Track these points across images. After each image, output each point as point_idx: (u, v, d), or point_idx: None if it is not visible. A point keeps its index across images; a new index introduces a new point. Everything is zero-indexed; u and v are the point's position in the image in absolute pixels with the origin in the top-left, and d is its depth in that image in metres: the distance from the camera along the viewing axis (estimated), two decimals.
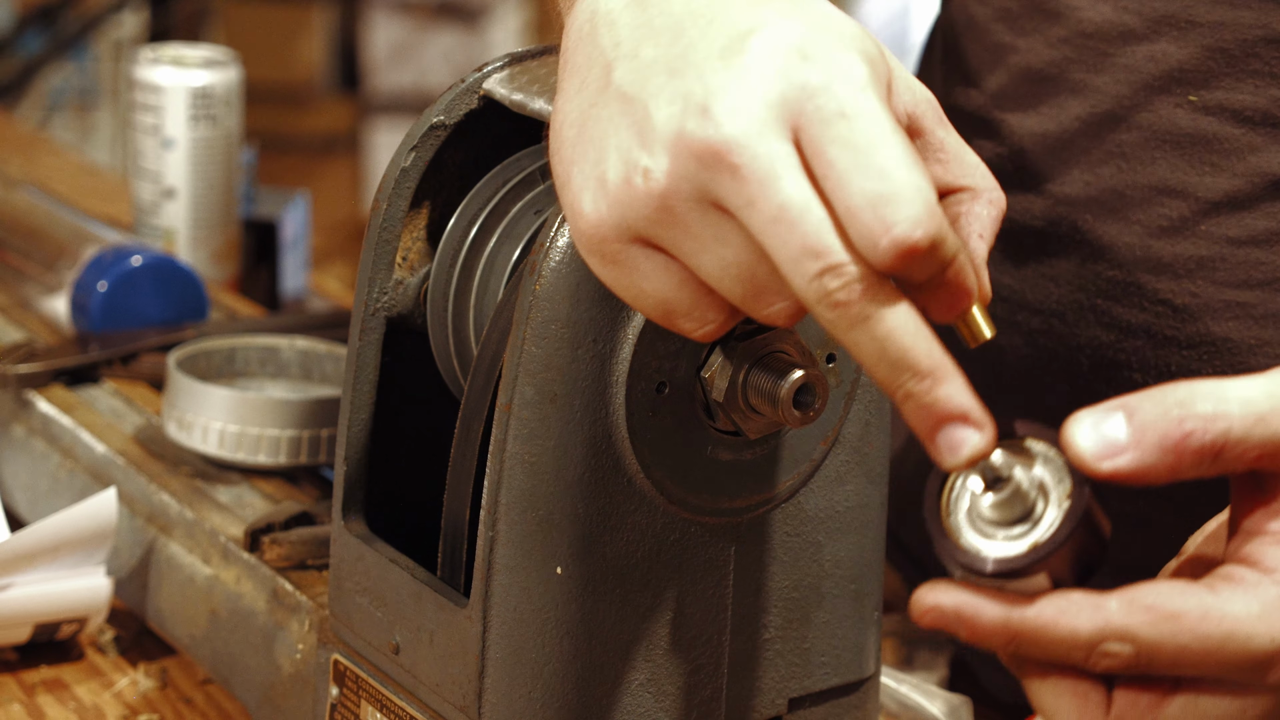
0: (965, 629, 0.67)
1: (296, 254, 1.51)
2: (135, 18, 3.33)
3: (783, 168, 0.64)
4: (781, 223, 0.64)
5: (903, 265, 0.63)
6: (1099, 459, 0.65)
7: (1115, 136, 0.96)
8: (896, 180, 0.63)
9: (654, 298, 0.68)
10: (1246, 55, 0.91)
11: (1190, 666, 0.66)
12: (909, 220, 0.63)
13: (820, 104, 0.65)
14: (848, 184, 0.64)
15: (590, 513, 0.78)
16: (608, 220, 0.67)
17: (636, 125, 0.67)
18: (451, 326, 0.84)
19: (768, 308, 0.67)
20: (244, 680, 0.95)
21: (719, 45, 0.67)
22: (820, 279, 0.64)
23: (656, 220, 0.66)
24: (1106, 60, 0.95)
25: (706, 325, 0.68)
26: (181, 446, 1.06)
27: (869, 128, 0.64)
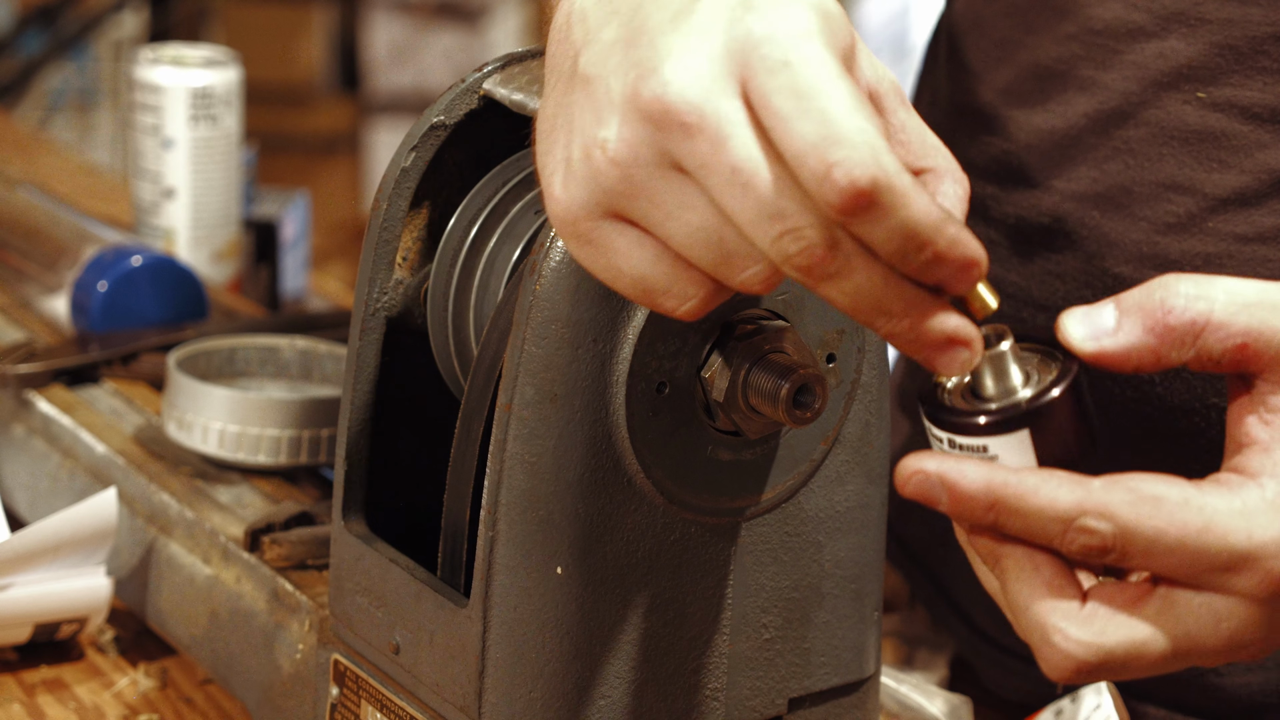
0: (947, 493, 0.67)
1: (296, 254, 1.51)
2: (135, 18, 3.33)
3: (732, 126, 0.64)
4: (736, 184, 0.64)
5: (854, 210, 0.63)
6: (1087, 340, 0.67)
7: (1123, 133, 0.96)
8: (838, 123, 0.63)
9: (630, 275, 0.68)
10: (1255, 52, 0.91)
11: (1164, 554, 0.66)
12: (850, 162, 0.62)
13: (764, 53, 0.64)
14: (791, 131, 0.63)
15: (590, 513, 0.78)
16: (576, 199, 0.67)
17: (596, 104, 0.67)
18: (451, 326, 0.84)
19: (741, 273, 0.66)
20: (244, 680, 0.95)
21: (671, 11, 0.67)
22: (780, 241, 0.64)
23: (621, 191, 0.66)
24: (1115, 57, 0.95)
25: (687, 302, 0.68)
26: (181, 446, 1.06)
27: (812, 73, 0.64)
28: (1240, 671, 0.98)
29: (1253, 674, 0.98)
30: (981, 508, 0.67)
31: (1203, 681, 0.98)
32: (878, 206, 0.63)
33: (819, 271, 0.64)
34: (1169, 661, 0.67)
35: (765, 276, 0.66)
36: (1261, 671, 0.97)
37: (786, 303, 0.78)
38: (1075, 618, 0.67)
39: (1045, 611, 0.67)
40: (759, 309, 0.78)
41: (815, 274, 0.64)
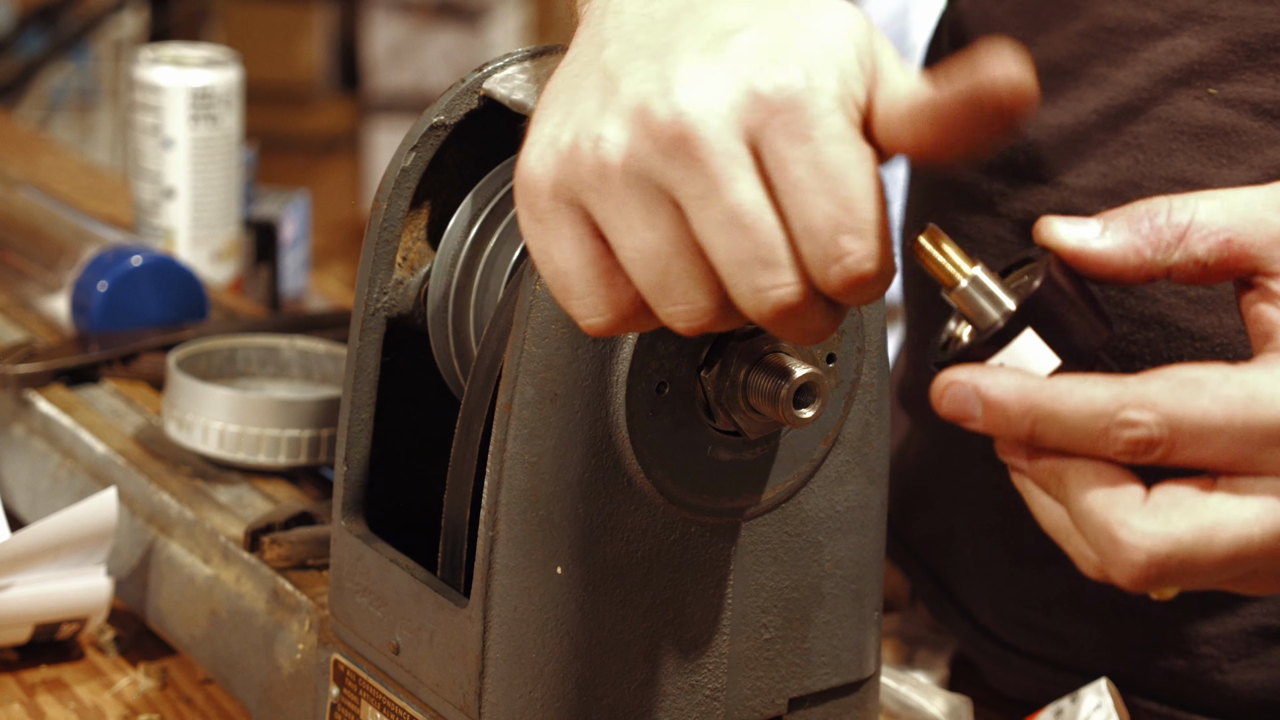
0: (982, 404, 0.67)
1: (296, 254, 1.51)
2: (135, 18, 3.33)
3: (739, 169, 0.65)
4: (734, 226, 0.65)
5: (845, 291, 0.65)
6: (1070, 236, 0.68)
7: (1132, 128, 0.96)
8: (860, 213, 0.65)
9: (558, 266, 0.68)
10: (1268, 49, 0.91)
11: (1214, 435, 0.65)
12: (865, 252, 0.65)
13: (786, 120, 0.65)
14: (810, 205, 0.65)
15: (590, 513, 0.78)
16: (547, 175, 0.68)
17: (603, 97, 0.68)
18: (451, 326, 0.84)
19: (670, 306, 0.67)
20: (244, 680, 0.95)
21: (703, 40, 0.67)
22: (765, 290, 0.65)
23: (594, 188, 0.67)
24: (1127, 55, 0.95)
25: (594, 317, 0.68)
26: (181, 446, 1.06)
27: (834, 152, 0.65)
28: (1243, 669, 0.98)
29: (1256, 672, 0.98)
30: (1017, 415, 0.66)
31: (1205, 679, 0.98)
32: (870, 290, 0.66)
33: (789, 317, 0.66)
34: (1235, 556, 0.66)
35: (691, 318, 0.67)
36: (1265, 669, 0.97)
37: None
38: (1140, 510, 0.66)
39: (1109, 508, 0.66)
40: None
41: (784, 319, 0.66)
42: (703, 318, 0.67)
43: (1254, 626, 0.97)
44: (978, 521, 1.05)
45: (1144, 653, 0.99)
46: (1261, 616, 0.97)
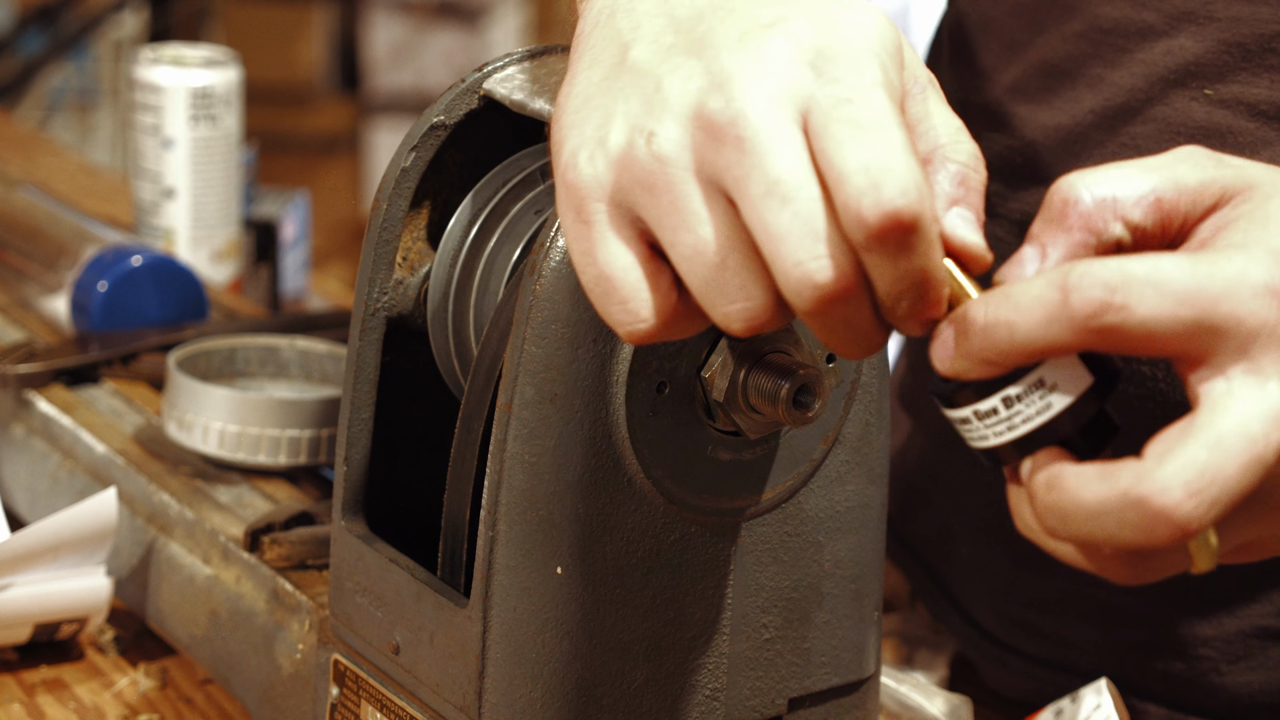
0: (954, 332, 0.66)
1: (296, 254, 1.51)
2: (135, 18, 3.33)
3: (783, 143, 0.64)
4: (773, 197, 0.64)
5: (883, 237, 0.63)
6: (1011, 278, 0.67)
7: (1129, 129, 0.96)
8: (893, 155, 0.63)
9: (602, 268, 0.67)
10: (1264, 50, 0.91)
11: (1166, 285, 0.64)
12: (899, 189, 0.63)
13: (830, 92, 0.65)
14: (843, 151, 0.63)
15: (590, 513, 0.78)
16: (600, 176, 0.67)
17: (647, 97, 0.67)
18: (451, 326, 0.84)
19: (727, 305, 0.66)
20: (244, 680, 0.95)
21: (738, 31, 0.67)
22: (808, 262, 0.64)
23: (648, 187, 0.66)
24: (1124, 56, 0.95)
25: (638, 323, 0.67)
26: (181, 446, 1.06)
27: (875, 112, 0.64)
28: (1241, 671, 0.98)
29: (1254, 673, 0.98)
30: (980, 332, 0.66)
31: (1203, 681, 0.98)
32: (906, 242, 0.63)
33: (831, 298, 0.64)
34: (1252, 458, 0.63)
35: (749, 315, 0.66)
36: (1263, 671, 0.97)
37: None
38: (1144, 467, 0.63)
39: (1112, 485, 0.64)
40: None
41: (826, 301, 0.64)
42: (761, 315, 0.66)
43: (1252, 628, 0.97)
44: (977, 522, 1.05)
45: (1142, 654, 0.99)
46: (1259, 618, 0.97)
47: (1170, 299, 0.63)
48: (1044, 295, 0.64)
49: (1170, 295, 0.63)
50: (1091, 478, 0.64)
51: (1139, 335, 0.63)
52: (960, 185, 0.68)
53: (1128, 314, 0.63)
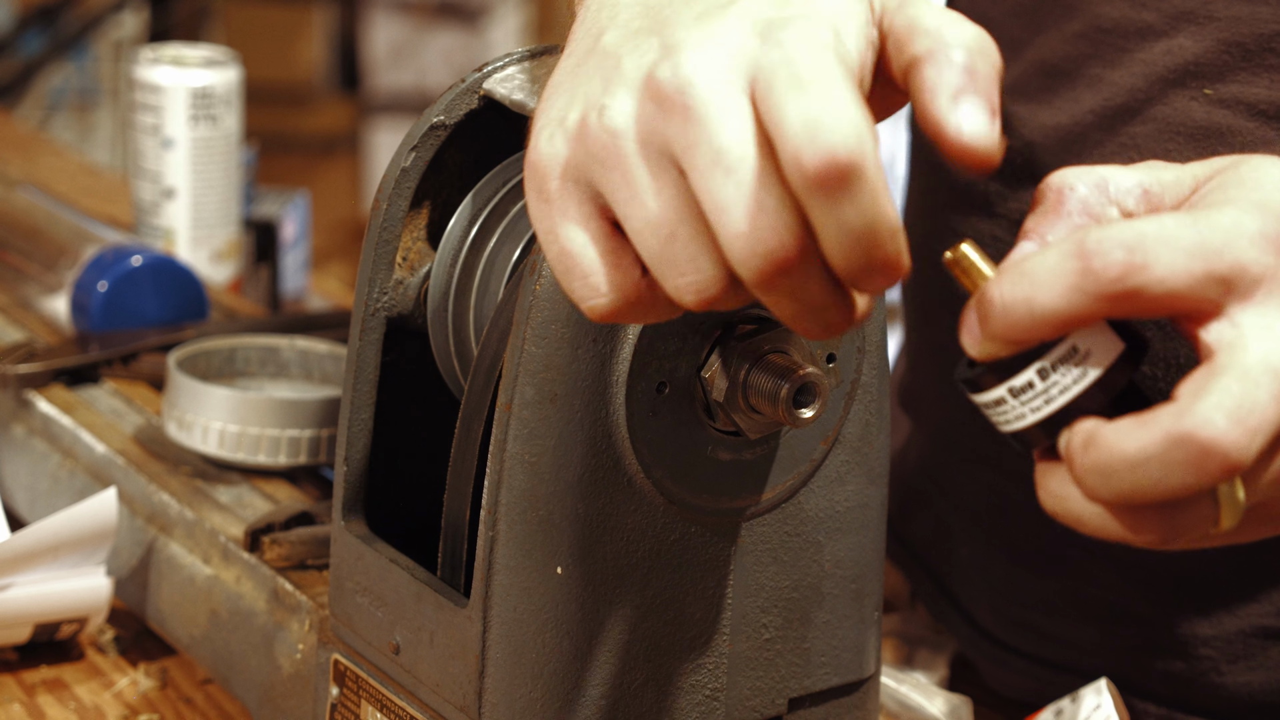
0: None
1: (296, 254, 1.51)
2: (135, 18, 3.33)
3: (728, 112, 0.64)
4: (719, 167, 0.64)
5: (826, 183, 0.62)
6: None
7: (1128, 129, 0.96)
8: (833, 105, 0.63)
9: (563, 245, 0.68)
10: (1263, 50, 0.91)
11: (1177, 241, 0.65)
12: (838, 136, 0.62)
13: (775, 56, 0.65)
14: (785, 107, 0.63)
15: (590, 513, 0.78)
16: (558, 154, 0.68)
17: (607, 75, 0.68)
18: (451, 326, 0.84)
19: (678, 277, 0.66)
20: (244, 680, 0.95)
21: (696, 11, 0.68)
22: (755, 232, 0.64)
23: (601, 159, 0.66)
24: (1123, 55, 0.95)
25: (597, 298, 0.67)
26: (181, 446, 1.06)
27: (816, 69, 0.64)
28: (1241, 671, 0.98)
29: (1254, 673, 0.98)
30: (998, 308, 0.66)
31: (1204, 681, 0.98)
32: (849, 187, 0.63)
33: (777, 267, 0.64)
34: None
35: (700, 289, 0.66)
36: (1263, 670, 0.97)
37: None
38: (1180, 408, 0.64)
39: (1157, 429, 0.64)
40: (759, 309, 0.78)
41: (772, 271, 0.64)
42: (711, 288, 0.66)
43: (1252, 628, 0.97)
44: (976, 523, 1.05)
45: (1142, 654, 0.99)
46: (1260, 618, 0.97)
47: (1183, 254, 0.64)
48: (1061, 265, 0.64)
49: (1182, 250, 0.64)
50: (1130, 427, 0.64)
51: (1160, 294, 0.64)
52: (966, 74, 0.67)
53: (1149, 273, 0.64)
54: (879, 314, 0.81)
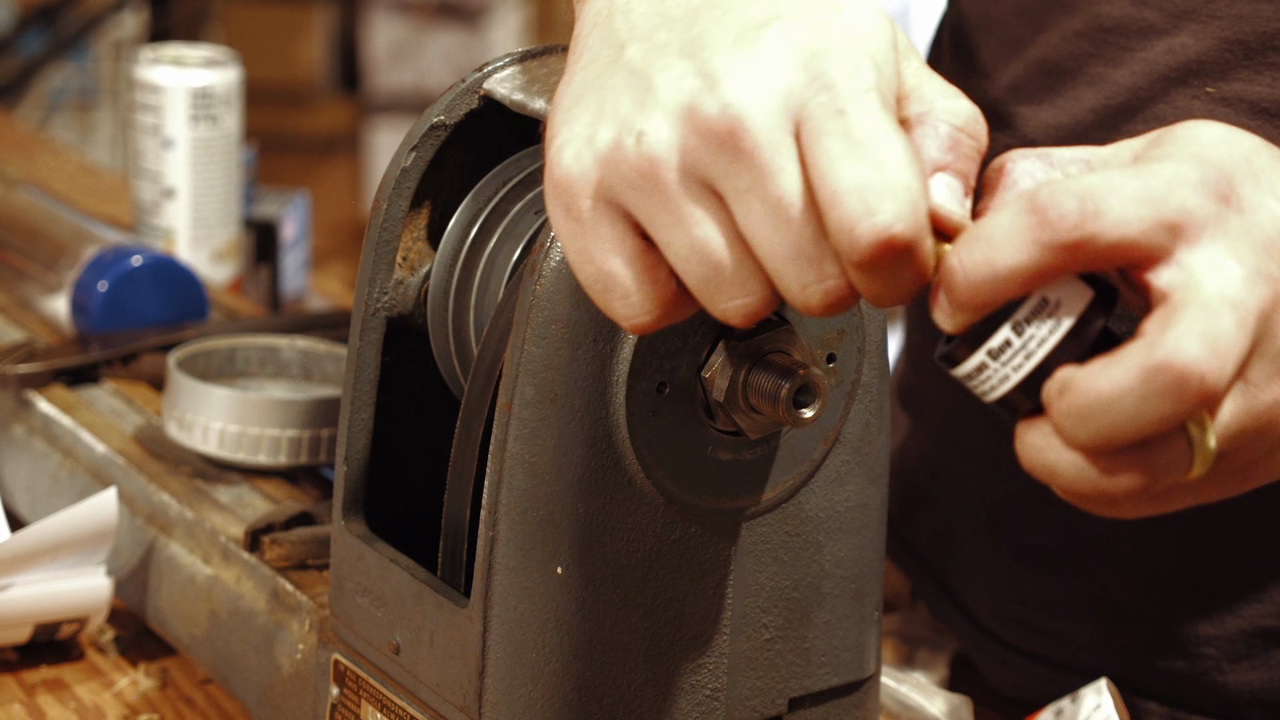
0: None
1: (296, 254, 1.51)
2: (135, 18, 3.33)
3: (785, 160, 0.64)
4: (777, 218, 0.64)
5: (876, 259, 0.63)
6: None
7: (1130, 128, 0.96)
8: (888, 173, 0.63)
9: (599, 266, 0.67)
10: (1265, 48, 0.91)
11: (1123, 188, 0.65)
12: (893, 213, 0.63)
13: (824, 101, 0.65)
14: (836, 169, 0.63)
15: (590, 513, 0.78)
16: (587, 173, 0.67)
17: (639, 95, 0.67)
18: (451, 326, 0.84)
19: (726, 301, 0.66)
20: (244, 680, 0.95)
21: (733, 33, 0.67)
22: (809, 287, 0.65)
23: (639, 187, 0.66)
24: (1125, 54, 0.95)
25: (641, 315, 0.68)
26: (181, 446, 1.06)
27: (868, 124, 0.64)
28: (1242, 670, 0.98)
29: (1255, 673, 0.98)
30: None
31: (1205, 680, 0.98)
32: (900, 264, 0.63)
33: (833, 309, 0.65)
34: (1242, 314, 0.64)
35: (749, 311, 0.66)
36: (1264, 670, 0.97)
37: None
38: (1145, 341, 0.64)
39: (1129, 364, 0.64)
40: None
41: (828, 310, 0.65)
42: (760, 308, 0.66)
43: (1253, 628, 0.97)
44: (977, 522, 1.05)
45: (1143, 653, 0.99)
46: (1261, 618, 0.97)
47: (1130, 201, 0.64)
48: (1015, 222, 0.64)
49: (1130, 198, 0.64)
50: (1104, 365, 0.64)
51: (1113, 240, 0.64)
52: (949, 150, 0.67)
53: (1102, 221, 0.64)
54: (879, 314, 0.81)
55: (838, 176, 0.63)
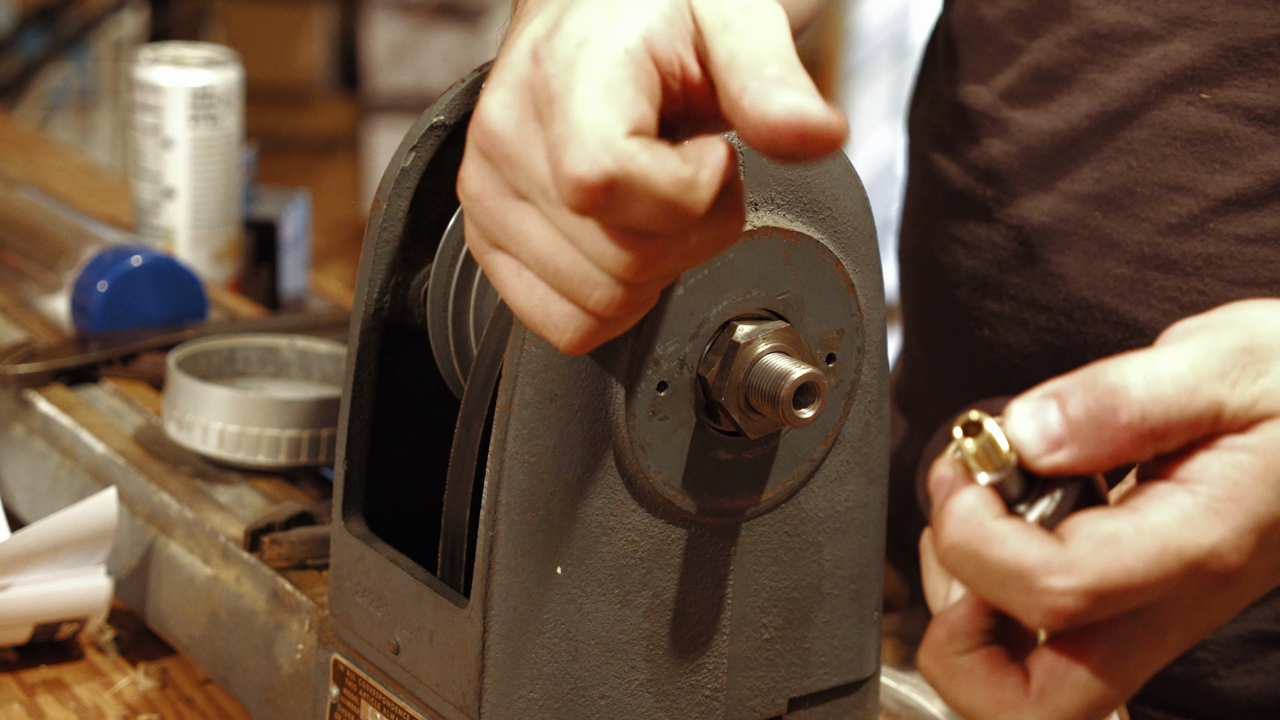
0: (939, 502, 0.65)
1: (296, 254, 1.51)
2: (135, 18, 3.33)
3: (534, 147, 0.66)
4: (547, 202, 0.66)
5: (594, 206, 0.64)
6: (1039, 456, 0.64)
7: (1126, 134, 0.96)
8: (574, 121, 0.64)
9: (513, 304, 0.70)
10: (1260, 54, 0.91)
11: (1141, 587, 0.64)
12: (576, 157, 0.63)
13: (542, 71, 0.66)
14: (545, 134, 0.65)
15: (590, 513, 0.78)
16: (470, 234, 0.71)
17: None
18: (451, 326, 0.84)
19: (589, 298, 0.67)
20: (244, 680, 0.95)
21: (506, 49, 0.69)
22: (604, 255, 0.66)
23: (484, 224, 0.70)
24: (1119, 60, 0.95)
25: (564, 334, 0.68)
26: (181, 446, 1.06)
27: (566, 77, 0.65)
28: (1239, 675, 0.98)
29: (1252, 677, 0.98)
30: (961, 534, 0.65)
31: (1202, 684, 0.98)
32: (616, 196, 0.64)
33: (649, 264, 0.65)
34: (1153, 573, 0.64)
35: (608, 301, 0.67)
36: (1261, 675, 0.97)
37: (786, 303, 0.78)
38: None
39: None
40: (759, 309, 0.78)
41: (645, 270, 0.65)
42: (627, 299, 0.67)
43: (1250, 632, 0.97)
44: None
45: None
46: (1258, 622, 0.97)
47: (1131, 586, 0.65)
48: (1008, 580, 0.64)
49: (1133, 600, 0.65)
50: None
51: None
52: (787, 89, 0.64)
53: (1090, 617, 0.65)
54: (879, 314, 0.81)
55: (550, 143, 0.65)
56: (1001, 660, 0.66)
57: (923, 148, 1.09)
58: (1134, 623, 0.65)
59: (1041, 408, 0.64)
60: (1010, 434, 0.65)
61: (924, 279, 1.07)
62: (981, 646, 0.67)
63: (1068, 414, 0.64)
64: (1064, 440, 0.64)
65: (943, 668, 0.67)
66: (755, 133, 0.63)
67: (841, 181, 0.79)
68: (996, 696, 0.66)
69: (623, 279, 0.66)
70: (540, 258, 0.67)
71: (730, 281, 0.77)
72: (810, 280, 0.79)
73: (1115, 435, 0.64)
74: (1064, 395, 0.64)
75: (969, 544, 0.64)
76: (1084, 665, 0.65)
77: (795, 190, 0.78)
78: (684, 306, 0.76)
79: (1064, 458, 0.64)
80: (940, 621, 0.67)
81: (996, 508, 0.65)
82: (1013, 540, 0.64)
